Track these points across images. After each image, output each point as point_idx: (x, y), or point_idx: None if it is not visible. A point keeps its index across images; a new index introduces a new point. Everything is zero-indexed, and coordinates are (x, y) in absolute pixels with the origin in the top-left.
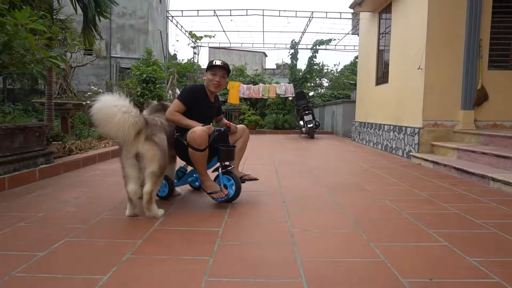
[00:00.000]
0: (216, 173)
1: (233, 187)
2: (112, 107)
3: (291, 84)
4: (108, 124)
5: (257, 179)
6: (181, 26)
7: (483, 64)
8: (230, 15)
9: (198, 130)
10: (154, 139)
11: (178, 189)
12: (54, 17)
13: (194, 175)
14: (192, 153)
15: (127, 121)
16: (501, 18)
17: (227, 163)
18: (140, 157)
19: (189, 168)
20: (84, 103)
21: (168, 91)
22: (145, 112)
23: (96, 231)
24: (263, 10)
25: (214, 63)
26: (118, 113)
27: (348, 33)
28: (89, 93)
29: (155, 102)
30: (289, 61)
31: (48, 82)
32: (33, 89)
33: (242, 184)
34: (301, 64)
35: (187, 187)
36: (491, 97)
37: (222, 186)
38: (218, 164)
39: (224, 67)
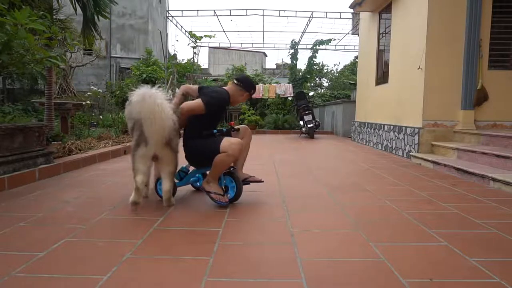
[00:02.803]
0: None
1: (234, 189)
2: (167, 118)
3: (290, 84)
4: (157, 130)
5: (262, 181)
6: (181, 26)
7: (483, 64)
8: (230, 15)
9: (239, 144)
10: (172, 144)
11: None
12: (54, 17)
13: (196, 175)
14: (225, 161)
15: (169, 131)
16: (501, 18)
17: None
18: (159, 159)
19: (191, 168)
20: (84, 103)
21: (168, 91)
22: (128, 107)
23: (96, 231)
24: (263, 10)
25: (254, 89)
26: (169, 125)
27: (348, 33)
28: (89, 93)
29: None
30: (289, 61)
31: (48, 82)
32: (33, 89)
33: (245, 186)
34: (301, 64)
35: (188, 187)
36: (491, 97)
37: (223, 187)
38: None
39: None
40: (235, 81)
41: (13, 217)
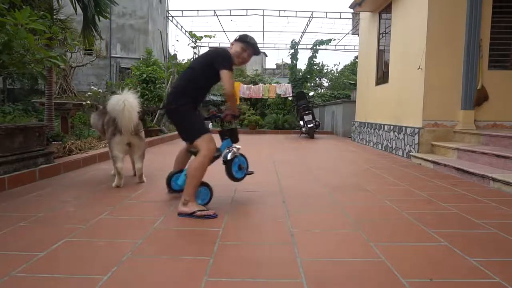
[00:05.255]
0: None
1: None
2: (134, 108)
3: (290, 84)
4: (127, 118)
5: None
6: (181, 26)
7: (483, 64)
8: (230, 15)
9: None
10: (140, 134)
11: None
12: (54, 17)
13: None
14: (203, 163)
15: (135, 119)
16: (501, 18)
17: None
18: (131, 146)
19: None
20: (84, 103)
21: (168, 91)
22: (93, 115)
23: (96, 231)
24: (263, 10)
25: (248, 40)
26: (134, 112)
27: (348, 33)
28: (89, 93)
29: (101, 107)
30: (289, 61)
31: (48, 82)
32: (33, 89)
33: (237, 185)
34: (301, 64)
35: None
36: (491, 97)
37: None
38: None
39: (254, 48)
40: (234, 40)
41: (13, 217)
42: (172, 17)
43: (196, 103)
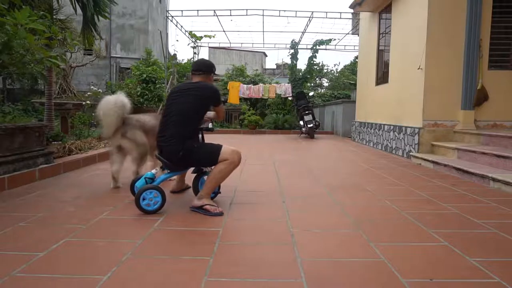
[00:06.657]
0: (194, 174)
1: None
2: (112, 111)
3: (289, 84)
4: (107, 122)
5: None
6: (181, 26)
7: (483, 64)
8: (230, 15)
9: (239, 152)
10: (127, 136)
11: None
12: (54, 17)
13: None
14: (227, 170)
15: (116, 122)
16: (501, 18)
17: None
18: (122, 148)
19: (158, 175)
20: (84, 103)
21: (168, 91)
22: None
23: (96, 231)
24: (263, 10)
25: (214, 70)
26: (113, 116)
27: (348, 33)
28: (89, 93)
29: None
30: (289, 61)
31: (48, 82)
32: (33, 89)
33: (244, 186)
34: (301, 64)
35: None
36: (491, 97)
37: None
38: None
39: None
40: (199, 72)
41: (13, 217)
42: (172, 17)
43: (197, 133)
